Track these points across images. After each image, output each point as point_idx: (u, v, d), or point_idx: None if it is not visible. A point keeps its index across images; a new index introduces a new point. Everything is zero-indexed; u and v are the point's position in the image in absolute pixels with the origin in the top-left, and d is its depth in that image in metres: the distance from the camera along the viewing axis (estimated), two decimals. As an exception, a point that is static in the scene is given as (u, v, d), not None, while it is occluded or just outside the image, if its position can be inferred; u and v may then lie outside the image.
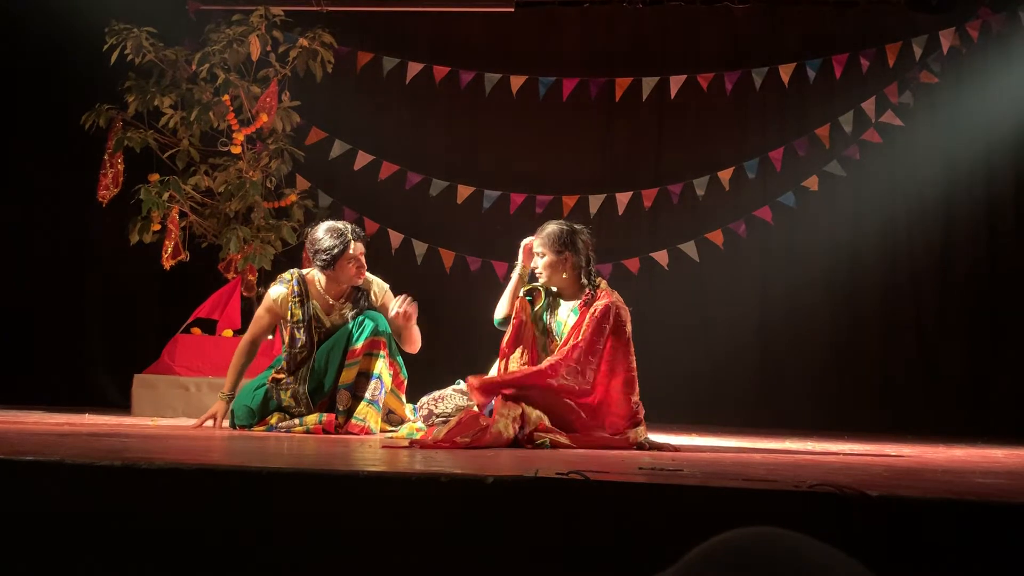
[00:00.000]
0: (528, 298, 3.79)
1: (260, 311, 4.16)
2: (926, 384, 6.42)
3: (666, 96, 6.63)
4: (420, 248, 6.62)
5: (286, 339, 4.07)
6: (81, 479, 1.91)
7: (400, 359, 4.11)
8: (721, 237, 6.55)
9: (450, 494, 1.85)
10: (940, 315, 6.51)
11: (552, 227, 3.76)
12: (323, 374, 3.99)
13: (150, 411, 5.07)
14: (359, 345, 3.95)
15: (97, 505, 1.90)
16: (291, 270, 4.16)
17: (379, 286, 4.19)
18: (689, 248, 6.56)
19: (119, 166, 5.80)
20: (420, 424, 4.15)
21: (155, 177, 5.72)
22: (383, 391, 3.97)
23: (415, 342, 4.12)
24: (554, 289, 3.80)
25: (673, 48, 6.85)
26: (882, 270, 6.58)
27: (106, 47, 5.73)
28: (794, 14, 6.82)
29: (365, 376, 3.98)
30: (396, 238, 6.63)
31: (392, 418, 4.13)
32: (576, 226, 3.80)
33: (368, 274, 4.13)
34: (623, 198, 6.60)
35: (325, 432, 3.83)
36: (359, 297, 4.10)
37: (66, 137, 6.21)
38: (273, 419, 3.98)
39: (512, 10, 6.71)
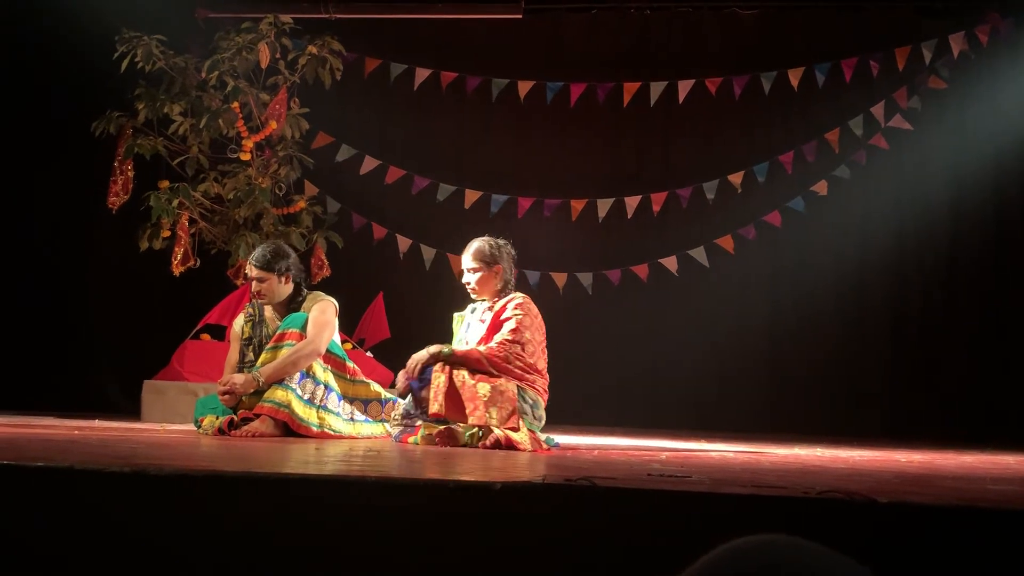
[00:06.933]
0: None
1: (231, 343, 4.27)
2: (936, 390, 6.39)
3: (674, 100, 6.64)
4: (428, 254, 6.63)
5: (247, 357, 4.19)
6: (91, 485, 1.92)
7: (337, 350, 4.13)
8: (731, 242, 6.55)
9: (459, 500, 1.85)
10: (949, 320, 6.49)
11: (478, 243, 3.96)
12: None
13: (159, 417, 5.08)
14: (272, 337, 4.06)
15: (106, 511, 1.90)
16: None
17: (312, 305, 4.17)
18: (699, 254, 6.56)
19: (129, 173, 5.83)
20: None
21: (165, 184, 5.75)
22: (307, 379, 3.95)
23: (297, 366, 3.98)
24: (480, 304, 4.00)
25: (681, 52, 6.85)
26: (891, 275, 6.57)
27: (116, 55, 5.77)
28: (801, 18, 6.81)
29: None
30: (404, 243, 6.64)
31: (372, 408, 4.16)
32: (500, 240, 4.00)
33: (321, 294, 4.20)
34: (632, 202, 6.61)
35: (221, 432, 3.83)
36: (285, 314, 4.19)
37: (76, 144, 6.24)
38: (209, 420, 4.01)
39: (520, 16, 6.72)
